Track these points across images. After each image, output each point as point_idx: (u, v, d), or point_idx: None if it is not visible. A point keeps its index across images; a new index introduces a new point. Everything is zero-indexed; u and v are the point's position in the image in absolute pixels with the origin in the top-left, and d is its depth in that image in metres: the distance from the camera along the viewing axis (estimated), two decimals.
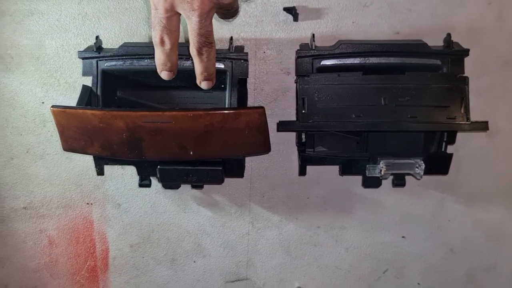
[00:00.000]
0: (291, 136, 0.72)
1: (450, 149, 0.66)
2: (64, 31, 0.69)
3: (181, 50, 0.56)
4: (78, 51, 0.64)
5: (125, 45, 0.64)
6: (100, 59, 0.64)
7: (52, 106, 0.56)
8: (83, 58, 0.64)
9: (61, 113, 0.56)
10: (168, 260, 0.78)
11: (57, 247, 0.78)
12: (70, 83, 0.71)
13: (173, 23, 0.50)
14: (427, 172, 0.64)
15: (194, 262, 0.78)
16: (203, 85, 0.55)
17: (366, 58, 0.64)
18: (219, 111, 0.56)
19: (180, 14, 0.49)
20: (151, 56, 0.61)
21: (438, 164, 0.66)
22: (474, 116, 0.62)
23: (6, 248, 0.78)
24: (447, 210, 0.75)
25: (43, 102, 0.72)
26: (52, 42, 0.70)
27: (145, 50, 0.63)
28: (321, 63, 0.64)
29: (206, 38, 0.50)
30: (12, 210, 0.76)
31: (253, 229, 0.76)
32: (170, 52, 0.52)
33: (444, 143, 0.66)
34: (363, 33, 0.68)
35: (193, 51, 0.51)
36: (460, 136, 0.67)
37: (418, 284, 0.78)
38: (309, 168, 0.69)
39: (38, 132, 0.73)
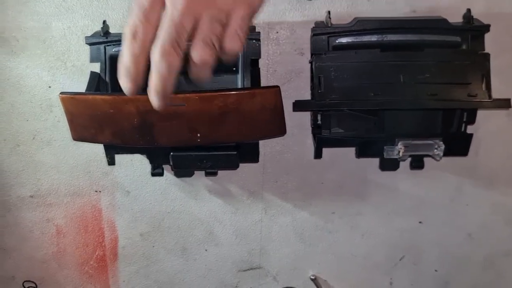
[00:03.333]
0: (305, 119, 0.70)
1: (469, 129, 0.64)
2: (71, 12, 0.68)
3: None
4: (85, 37, 0.63)
5: None
6: (108, 44, 0.62)
7: (61, 93, 0.54)
8: (90, 44, 0.62)
9: (70, 99, 0.54)
10: (179, 249, 0.76)
11: (65, 237, 0.76)
12: (77, 67, 0.69)
13: (154, 13, 0.39)
14: (447, 153, 0.62)
15: (206, 250, 0.76)
16: (154, 103, 0.42)
17: (384, 35, 0.62)
18: (234, 92, 0.54)
19: (162, 6, 0.39)
20: None
21: (458, 145, 0.64)
22: (494, 95, 0.60)
23: (12, 238, 0.76)
24: (465, 194, 0.73)
25: (50, 87, 0.70)
26: (58, 24, 0.68)
27: None
28: (337, 41, 0.62)
29: (180, 37, 0.39)
30: (19, 198, 0.74)
31: (266, 216, 0.75)
32: (139, 55, 0.40)
33: (463, 123, 0.64)
34: (379, 12, 0.67)
35: (155, 52, 0.39)
36: (479, 116, 0.65)
37: (436, 270, 0.77)
38: (324, 152, 0.67)
39: (45, 118, 0.71)
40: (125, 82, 0.42)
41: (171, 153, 0.61)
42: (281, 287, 0.78)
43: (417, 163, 0.67)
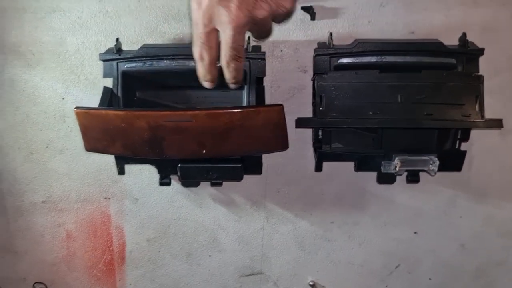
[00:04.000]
0: (307, 133, 0.73)
1: (463, 146, 0.67)
2: (85, 29, 0.71)
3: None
4: (99, 54, 0.66)
5: (145, 46, 0.65)
6: (121, 60, 0.65)
7: (76, 108, 0.57)
8: (104, 60, 0.65)
9: (84, 114, 0.57)
10: (184, 254, 0.80)
11: (75, 241, 0.79)
12: (90, 80, 0.72)
13: (211, 39, 0.52)
14: (441, 168, 0.65)
15: (210, 256, 0.80)
16: (231, 86, 0.57)
17: (383, 57, 0.65)
18: (239, 109, 0.57)
19: (218, 31, 0.51)
20: (170, 57, 0.64)
21: (452, 161, 0.67)
22: (487, 115, 0.63)
23: (24, 241, 0.79)
24: (459, 207, 0.76)
25: (63, 98, 0.73)
26: (73, 39, 0.71)
27: (164, 51, 0.64)
28: (339, 61, 0.65)
29: (237, 52, 0.52)
30: (31, 204, 0.77)
31: (268, 224, 0.78)
32: (209, 67, 0.54)
33: (458, 141, 0.67)
34: (379, 33, 0.69)
35: (222, 62, 0.53)
36: (473, 134, 0.68)
37: (430, 279, 0.80)
38: (325, 165, 0.70)
39: (58, 128, 0.74)
40: (206, 84, 0.56)
41: (179, 165, 0.64)
42: None
43: (413, 178, 0.70)
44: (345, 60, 0.65)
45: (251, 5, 0.49)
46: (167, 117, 0.56)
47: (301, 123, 0.64)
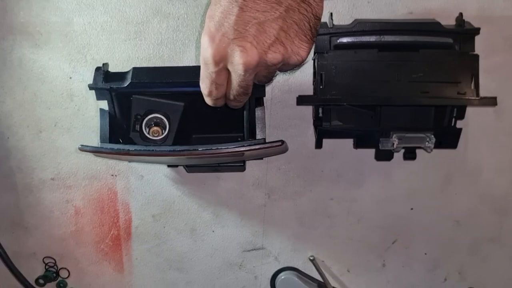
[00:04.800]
0: (307, 111, 0.75)
1: (459, 124, 0.69)
2: (92, 9, 0.72)
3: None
4: (88, 84, 0.64)
5: (136, 71, 0.64)
6: (111, 88, 0.64)
7: (80, 146, 0.60)
8: (94, 89, 0.64)
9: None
10: (188, 230, 0.82)
11: (83, 217, 0.82)
12: (96, 60, 0.74)
13: (222, 78, 0.50)
14: (437, 146, 0.68)
15: (213, 231, 0.82)
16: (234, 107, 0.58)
17: (382, 36, 0.66)
18: (245, 148, 0.59)
19: (227, 70, 0.50)
20: (164, 83, 0.63)
21: (448, 138, 0.69)
22: (483, 93, 0.65)
23: (34, 217, 0.82)
24: (454, 184, 0.78)
25: (70, 78, 0.75)
26: (79, 20, 0.73)
27: (155, 76, 0.63)
28: (339, 41, 0.67)
29: (245, 90, 0.52)
30: (41, 181, 0.80)
31: (269, 201, 0.80)
32: (217, 101, 0.55)
33: (453, 118, 0.69)
34: (378, 13, 0.71)
35: (230, 97, 0.54)
36: (468, 112, 0.71)
37: (425, 254, 0.82)
38: (324, 143, 0.72)
39: (66, 106, 0.76)
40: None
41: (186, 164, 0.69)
42: (282, 266, 0.84)
43: (409, 155, 0.72)
44: (344, 40, 0.67)
45: (267, 47, 0.46)
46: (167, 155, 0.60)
47: (302, 101, 0.67)
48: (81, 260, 0.85)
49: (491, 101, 0.65)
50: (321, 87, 0.65)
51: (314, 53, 0.68)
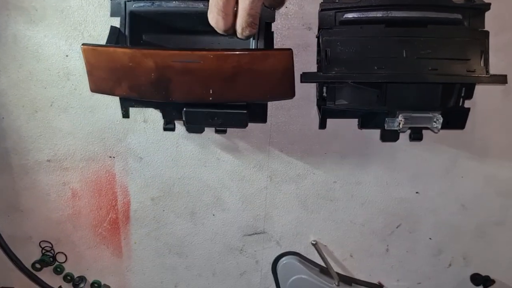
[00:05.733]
0: (310, 91, 0.73)
1: (467, 104, 0.67)
2: None
3: None
4: None
5: None
6: (129, 0, 0.64)
7: (83, 44, 0.57)
8: None
9: (91, 51, 0.57)
10: (188, 213, 0.81)
11: (80, 200, 0.80)
12: (94, 37, 0.72)
13: (229, 6, 0.51)
14: (445, 126, 0.66)
15: (213, 215, 0.81)
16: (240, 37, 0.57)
17: (389, 12, 0.64)
18: (248, 51, 0.57)
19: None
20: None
21: (456, 119, 0.68)
22: (492, 72, 0.63)
23: (30, 200, 0.80)
24: (460, 167, 0.77)
25: (67, 55, 0.73)
26: None
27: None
28: (344, 16, 0.65)
29: (253, 19, 0.52)
30: (36, 162, 0.78)
31: (271, 184, 0.78)
32: (224, 32, 0.54)
33: (462, 98, 0.67)
34: None
35: (238, 27, 0.53)
36: (476, 92, 0.69)
37: (430, 238, 0.81)
38: (328, 123, 0.70)
39: (62, 86, 0.74)
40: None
41: (184, 109, 0.64)
42: (284, 251, 0.82)
43: (416, 135, 0.71)
44: (350, 15, 0.65)
45: None
46: (175, 56, 0.56)
47: (306, 78, 0.65)
48: (78, 244, 0.83)
49: (501, 79, 0.63)
50: (326, 63, 0.63)
51: (319, 29, 0.66)
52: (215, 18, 0.53)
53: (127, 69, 0.57)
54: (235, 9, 0.52)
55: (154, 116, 0.75)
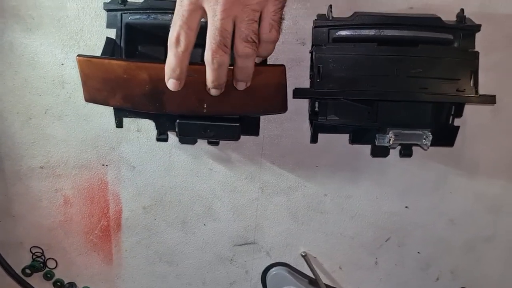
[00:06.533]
0: (303, 105, 0.74)
1: (456, 122, 0.68)
2: None
3: None
4: (104, 3, 0.65)
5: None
6: (125, 12, 0.65)
7: (78, 55, 0.57)
8: (108, 10, 0.66)
9: (86, 62, 0.58)
10: (179, 223, 0.81)
11: (72, 207, 0.80)
12: (89, 46, 0.72)
13: (194, 20, 0.46)
14: (434, 143, 0.67)
15: (204, 225, 0.81)
16: (212, 92, 0.54)
17: (381, 30, 0.65)
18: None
19: (202, 14, 0.47)
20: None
21: (445, 136, 0.69)
22: (482, 91, 0.64)
23: (22, 206, 0.80)
24: (450, 183, 0.77)
25: (62, 64, 0.73)
26: (73, 5, 0.71)
27: (170, 5, 0.63)
28: (337, 34, 0.66)
29: (225, 39, 0.46)
30: (29, 169, 0.78)
31: (262, 195, 0.79)
32: (183, 56, 0.49)
33: (451, 116, 0.68)
34: (378, 6, 0.70)
35: (207, 54, 0.48)
36: (466, 112, 0.70)
37: (418, 252, 0.82)
38: (319, 138, 0.71)
39: (57, 93, 0.75)
40: (171, 82, 0.51)
41: (177, 121, 0.64)
42: (274, 262, 0.83)
43: (406, 151, 0.71)
44: (343, 33, 0.66)
45: None
46: None
47: (298, 93, 0.65)
48: (69, 251, 0.83)
49: (490, 99, 0.64)
50: (318, 80, 0.64)
51: (312, 45, 0.67)
52: (176, 33, 0.47)
53: (121, 81, 0.57)
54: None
55: (148, 125, 0.75)
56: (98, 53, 0.66)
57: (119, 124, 0.68)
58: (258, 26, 0.48)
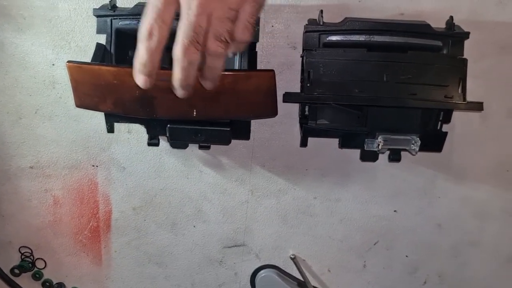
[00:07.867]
0: (294, 109, 0.74)
1: (445, 128, 0.69)
2: None
3: None
4: (93, 9, 0.66)
5: (140, 4, 0.65)
6: (115, 17, 0.65)
7: (68, 61, 0.57)
8: (97, 16, 0.66)
9: (76, 68, 0.58)
10: (169, 224, 0.81)
11: (62, 207, 0.80)
12: (81, 47, 0.72)
13: (168, 14, 0.43)
14: (422, 148, 0.67)
15: (194, 227, 0.81)
16: (178, 93, 0.48)
17: (371, 36, 0.66)
18: (230, 72, 0.57)
19: (177, 7, 0.44)
20: None
21: (433, 142, 0.69)
22: (470, 98, 0.65)
23: (11, 205, 0.80)
24: (438, 187, 0.78)
25: (53, 64, 0.73)
26: (65, 5, 0.71)
27: None
28: (328, 39, 0.66)
29: (198, 36, 0.43)
30: (19, 169, 0.78)
31: (252, 198, 0.79)
32: (154, 52, 0.45)
33: (440, 122, 0.69)
34: (369, 12, 0.70)
35: (178, 50, 0.44)
36: (454, 116, 0.71)
37: (406, 256, 0.82)
38: (309, 141, 0.71)
39: (48, 94, 0.74)
40: (141, 77, 0.47)
41: (168, 125, 0.65)
42: (263, 264, 0.83)
43: (394, 156, 0.72)
44: (334, 38, 0.66)
45: None
46: (159, 75, 0.56)
47: (288, 97, 0.66)
48: (58, 251, 0.83)
49: (478, 106, 0.64)
50: (308, 84, 0.65)
51: (303, 50, 0.67)
52: (149, 26, 0.43)
53: (111, 87, 0.57)
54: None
55: (138, 127, 0.75)
56: (89, 54, 0.66)
57: (110, 129, 0.68)
58: (233, 26, 0.45)
